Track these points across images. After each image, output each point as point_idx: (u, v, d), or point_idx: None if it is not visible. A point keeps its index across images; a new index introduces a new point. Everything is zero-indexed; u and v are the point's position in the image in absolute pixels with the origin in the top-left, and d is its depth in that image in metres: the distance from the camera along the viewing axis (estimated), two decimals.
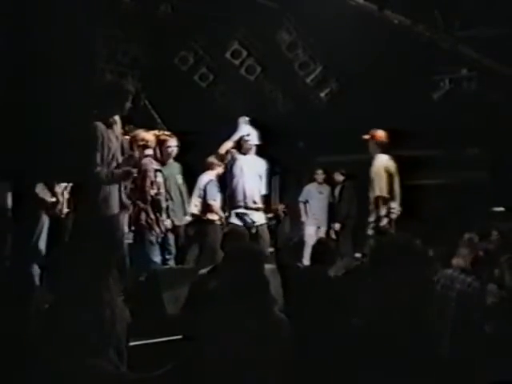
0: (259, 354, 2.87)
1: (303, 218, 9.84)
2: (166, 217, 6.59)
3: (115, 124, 5.01)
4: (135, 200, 6.12)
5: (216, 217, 7.41)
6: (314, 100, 9.24)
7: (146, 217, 6.24)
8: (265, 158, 7.29)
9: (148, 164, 6.32)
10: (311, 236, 9.22)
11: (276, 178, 10.10)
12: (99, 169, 4.75)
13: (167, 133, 7.27)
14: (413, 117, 8.29)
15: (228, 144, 7.14)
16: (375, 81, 8.26)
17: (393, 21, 7.85)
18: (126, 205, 5.27)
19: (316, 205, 9.79)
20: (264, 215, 7.23)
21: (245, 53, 9.03)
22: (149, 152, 6.37)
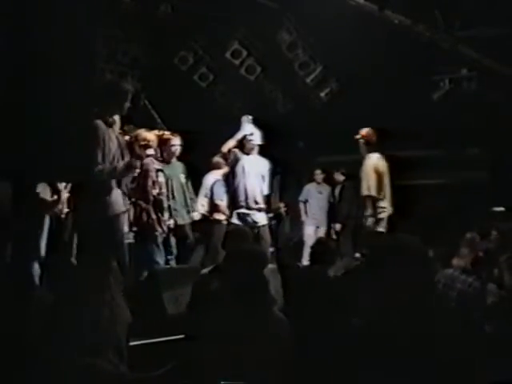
0: (259, 354, 2.88)
1: (303, 218, 9.85)
2: (169, 216, 6.59)
3: (114, 124, 5.02)
4: (137, 200, 6.12)
5: (223, 217, 7.40)
6: (314, 100, 9.23)
7: (148, 217, 6.24)
8: (267, 158, 7.29)
9: (150, 164, 6.32)
10: (310, 236, 9.23)
11: (277, 178, 10.10)
12: (101, 167, 4.75)
13: (167, 132, 7.26)
14: (413, 117, 8.28)
15: (231, 143, 7.12)
16: (375, 81, 8.26)
17: (393, 21, 7.84)
18: (127, 204, 5.27)
19: (315, 205, 9.79)
20: (266, 216, 7.22)
21: (245, 53, 9.04)
22: (150, 152, 6.37)
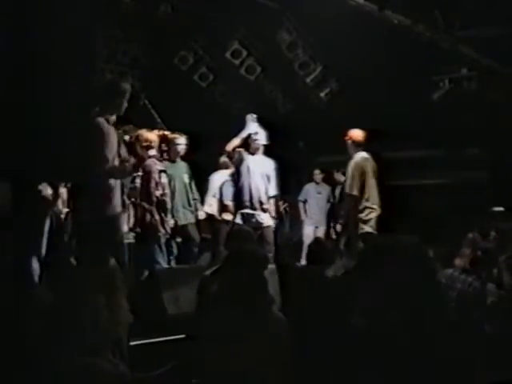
0: (258, 354, 2.88)
1: (302, 217, 9.85)
2: (171, 217, 6.58)
3: (114, 123, 5.03)
4: (140, 202, 6.11)
5: (231, 217, 7.37)
6: (314, 100, 9.23)
7: (151, 218, 6.22)
8: (272, 158, 7.26)
9: (152, 165, 6.30)
10: (309, 236, 9.22)
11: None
12: (105, 166, 4.75)
13: (168, 132, 7.25)
14: (413, 117, 8.28)
15: (235, 141, 7.09)
16: (375, 81, 8.26)
17: (393, 21, 7.84)
18: (127, 204, 5.27)
19: (314, 205, 9.80)
20: (270, 216, 7.18)
21: (245, 53, 9.03)
22: (152, 153, 6.35)
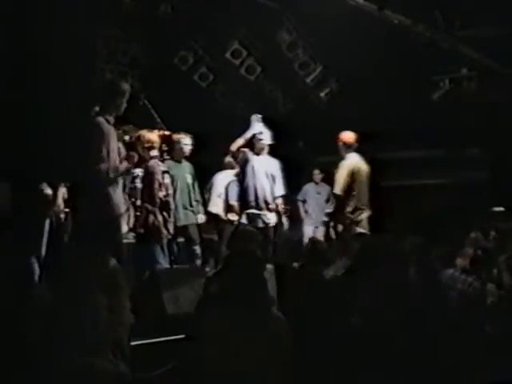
0: (258, 354, 2.88)
1: (302, 216, 9.86)
2: (173, 218, 6.56)
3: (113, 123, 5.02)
4: (143, 203, 6.09)
5: (236, 217, 7.35)
6: (314, 100, 9.23)
7: (154, 219, 6.20)
8: (277, 158, 7.25)
9: (155, 166, 6.28)
10: (309, 236, 9.22)
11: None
12: (105, 165, 4.74)
13: (167, 132, 7.24)
14: (413, 117, 8.28)
15: (240, 141, 7.07)
16: (375, 81, 8.26)
17: (393, 21, 7.84)
18: (127, 205, 5.27)
19: (313, 205, 9.79)
20: (276, 216, 7.16)
21: (245, 53, 9.03)
22: (154, 153, 6.33)
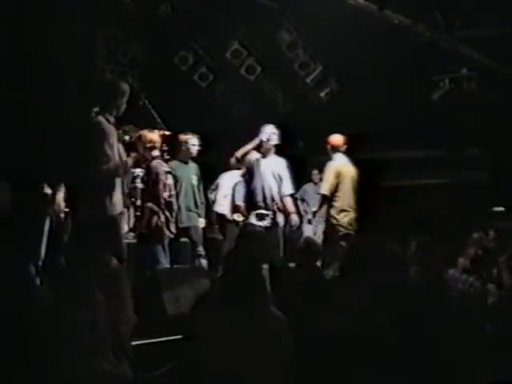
0: (258, 353, 2.88)
1: (302, 213, 9.86)
2: (175, 218, 6.56)
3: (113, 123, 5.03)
4: (145, 203, 6.08)
5: (241, 218, 7.35)
6: (314, 100, 9.23)
7: (158, 219, 6.19)
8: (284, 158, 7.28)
9: (159, 167, 6.27)
10: (308, 235, 9.21)
11: None
12: (106, 165, 4.74)
13: (165, 132, 7.23)
14: (413, 117, 8.28)
15: (247, 147, 7.10)
16: (375, 81, 8.26)
17: (393, 21, 7.85)
18: (127, 204, 5.26)
19: (312, 205, 9.79)
20: (283, 216, 7.17)
21: (245, 53, 9.03)
22: (156, 153, 6.32)
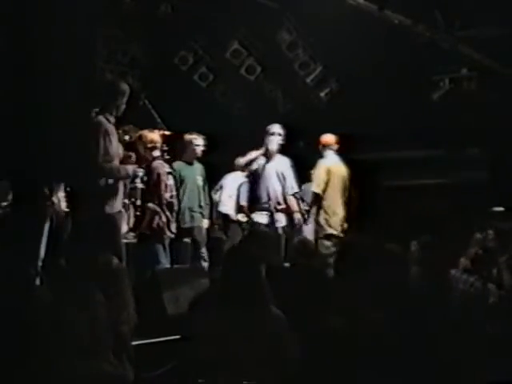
0: (258, 353, 2.88)
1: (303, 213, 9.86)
2: (175, 219, 6.56)
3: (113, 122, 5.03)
4: (146, 203, 6.08)
5: (245, 218, 7.36)
6: (314, 100, 9.23)
7: (159, 220, 6.19)
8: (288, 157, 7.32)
9: (160, 167, 6.27)
10: (309, 234, 9.21)
11: None
12: (106, 165, 4.75)
13: (165, 131, 7.24)
14: (413, 117, 8.28)
15: (253, 154, 7.13)
16: (375, 81, 8.26)
17: (393, 21, 7.84)
18: (127, 204, 5.27)
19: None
20: (286, 216, 7.18)
21: (245, 53, 9.02)
22: (157, 154, 6.31)
